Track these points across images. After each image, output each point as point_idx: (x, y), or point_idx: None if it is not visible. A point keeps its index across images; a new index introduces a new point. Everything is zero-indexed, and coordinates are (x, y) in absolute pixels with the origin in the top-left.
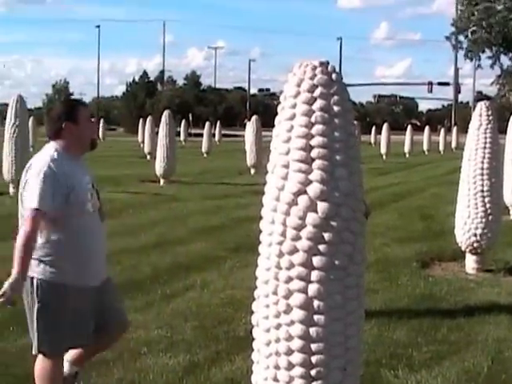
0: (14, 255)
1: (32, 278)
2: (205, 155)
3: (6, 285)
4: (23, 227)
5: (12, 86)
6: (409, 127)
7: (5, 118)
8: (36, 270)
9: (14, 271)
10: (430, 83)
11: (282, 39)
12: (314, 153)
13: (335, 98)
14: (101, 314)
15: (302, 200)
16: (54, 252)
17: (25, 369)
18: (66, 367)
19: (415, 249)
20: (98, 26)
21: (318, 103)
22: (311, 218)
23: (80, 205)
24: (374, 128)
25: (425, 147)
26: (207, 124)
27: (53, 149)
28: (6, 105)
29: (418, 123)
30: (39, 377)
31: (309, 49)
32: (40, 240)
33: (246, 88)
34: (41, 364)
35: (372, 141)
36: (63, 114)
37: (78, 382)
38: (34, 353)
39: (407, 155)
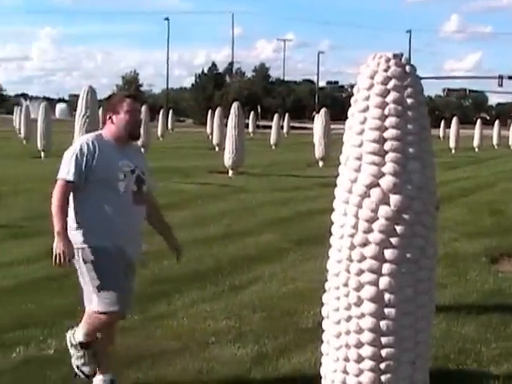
0: None
1: (77, 249)
2: (273, 147)
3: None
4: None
5: (82, 76)
6: (478, 121)
7: (75, 109)
8: (74, 240)
9: (55, 230)
10: (501, 77)
11: (351, 32)
12: (387, 145)
13: (409, 90)
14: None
15: (375, 192)
16: (81, 223)
17: None
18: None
19: (484, 244)
20: (167, 18)
21: (392, 95)
22: (383, 210)
23: (108, 182)
24: (442, 122)
25: (494, 141)
26: (276, 116)
27: (96, 133)
28: (76, 96)
29: (488, 117)
30: (93, 325)
31: (377, 42)
32: (71, 212)
33: (315, 80)
34: (98, 319)
35: (441, 135)
36: (108, 105)
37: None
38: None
39: (476, 149)
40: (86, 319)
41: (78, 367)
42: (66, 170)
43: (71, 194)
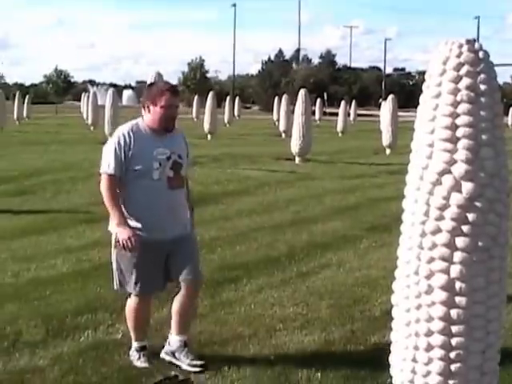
0: None
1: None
2: (340, 134)
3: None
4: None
5: (149, 63)
6: None
7: (142, 96)
8: (110, 225)
9: (114, 222)
10: None
11: (419, 19)
12: (460, 132)
13: (482, 76)
14: (171, 266)
15: (447, 179)
16: (125, 210)
17: (161, 341)
18: (174, 341)
19: None
20: (234, 5)
21: (465, 81)
22: (455, 198)
23: (144, 172)
24: (511, 110)
25: None
26: (342, 103)
27: (133, 122)
28: (143, 82)
29: None
30: (126, 314)
31: (445, 28)
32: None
33: (382, 67)
34: (127, 303)
35: (509, 123)
36: (148, 94)
37: (190, 350)
38: (115, 290)
39: None
40: None
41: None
42: (107, 163)
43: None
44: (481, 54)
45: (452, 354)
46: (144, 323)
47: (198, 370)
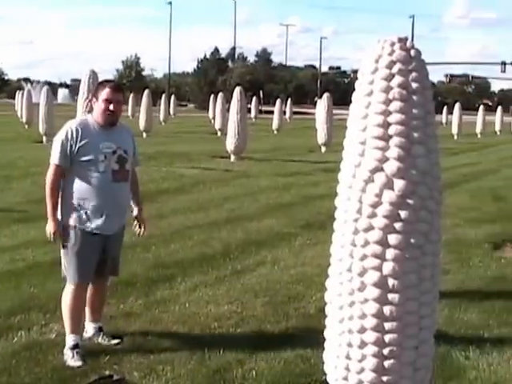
0: None
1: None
2: (275, 132)
3: None
4: None
5: (86, 61)
6: (481, 107)
7: (77, 94)
8: (59, 216)
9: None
10: (504, 63)
11: (355, 17)
12: (392, 130)
13: (414, 74)
14: (102, 258)
15: (379, 177)
16: (67, 200)
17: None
18: (91, 328)
19: (487, 230)
20: (170, 3)
21: (397, 79)
22: (388, 195)
23: (90, 164)
24: (445, 108)
25: (497, 128)
26: (278, 101)
27: (82, 117)
28: (78, 80)
29: (490, 103)
30: (62, 304)
31: (381, 27)
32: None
33: (318, 66)
34: (64, 292)
35: (443, 121)
36: (93, 91)
37: (106, 333)
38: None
39: (479, 136)
40: None
41: None
42: (54, 154)
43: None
44: (412, 53)
45: (385, 351)
46: (80, 314)
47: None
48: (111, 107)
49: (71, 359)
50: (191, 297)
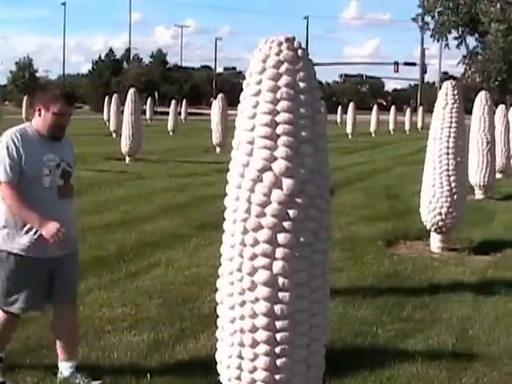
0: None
1: None
2: (170, 133)
3: None
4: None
5: None
6: (375, 107)
7: None
8: None
9: (36, 227)
10: (397, 63)
11: (251, 18)
12: (280, 129)
13: (301, 74)
14: (54, 286)
15: (267, 176)
16: (7, 222)
17: None
18: (65, 368)
19: (380, 227)
20: (64, 4)
21: (284, 79)
22: (276, 194)
23: (33, 179)
24: (340, 107)
25: (391, 127)
26: (173, 102)
27: (21, 126)
28: None
29: (384, 103)
30: None
31: (277, 28)
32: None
33: (213, 67)
34: None
35: (338, 120)
36: (41, 96)
37: (83, 373)
38: None
39: (373, 134)
40: None
41: None
42: (3, 171)
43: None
44: (300, 52)
45: (277, 349)
46: (8, 336)
47: None
48: (64, 122)
49: None
50: (85, 300)
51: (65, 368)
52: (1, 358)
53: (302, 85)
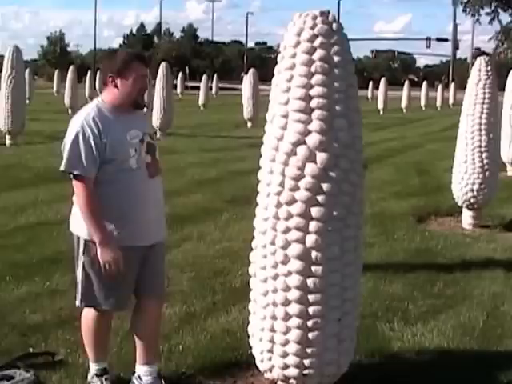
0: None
1: (78, 237)
2: (201, 108)
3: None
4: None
5: (10, 37)
6: (406, 82)
7: (0, 70)
8: (81, 229)
9: (96, 240)
10: (429, 39)
11: None
12: (314, 103)
13: (335, 48)
14: (140, 278)
15: (301, 150)
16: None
17: (21, 318)
18: (145, 374)
19: (412, 203)
20: None
21: (318, 53)
22: (310, 168)
23: (118, 163)
24: (371, 83)
25: (422, 103)
26: (204, 77)
27: (92, 105)
28: (2, 56)
29: (416, 79)
30: (84, 331)
31: (308, 3)
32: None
33: (244, 41)
34: (84, 316)
35: (369, 96)
36: (111, 65)
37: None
38: (77, 306)
39: (404, 111)
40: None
41: None
42: (78, 162)
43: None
44: (334, 26)
45: (309, 323)
46: (106, 340)
47: None
48: (146, 85)
49: None
50: None
51: (144, 373)
52: (105, 369)
53: (336, 59)
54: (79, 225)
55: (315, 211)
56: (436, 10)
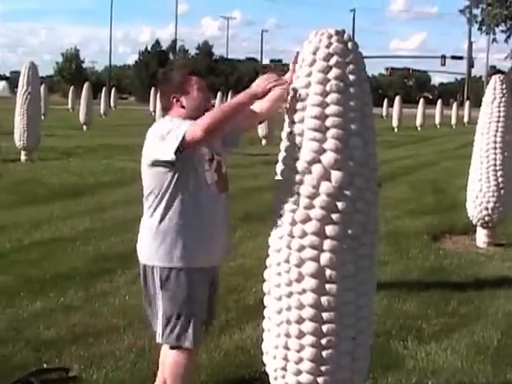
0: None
1: (152, 268)
2: None
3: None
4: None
5: (25, 53)
6: (421, 100)
7: (17, 86)
8: (154, 257)
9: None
10: (444, 56)
11: (297, 10)
12: (329, 121)
13: (351, 67)
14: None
15: (316, 168)
16: (171, 234)
17: (35, 334)
18: None
19: (426, 222)
20: None
21: (334, 72)
22: (325, 186)
23: (197, 175)
24: (385, 101)
25: (437, 121)
26: (219, 94)
27: (168, 119)
28: (18, 73)
29: (431, 96)
30: (175, 375)
31: (323, 20)
32: (154, 221)
33: (259, 59)
34: (174, 360)
35: (384, 114)
36: (169, 86)
37: None
38: (159, 341)
39: (419, 128)
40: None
41: None
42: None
43: (155, 196)
44: (350, 45)
45: (323, 341)
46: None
47: None
48: (208, 96)
49: None
50: (131, 289)
51: None
52: None
53: (351, 77)
54: (151, 251)
55: (330, 229)
56: (451, 29)
